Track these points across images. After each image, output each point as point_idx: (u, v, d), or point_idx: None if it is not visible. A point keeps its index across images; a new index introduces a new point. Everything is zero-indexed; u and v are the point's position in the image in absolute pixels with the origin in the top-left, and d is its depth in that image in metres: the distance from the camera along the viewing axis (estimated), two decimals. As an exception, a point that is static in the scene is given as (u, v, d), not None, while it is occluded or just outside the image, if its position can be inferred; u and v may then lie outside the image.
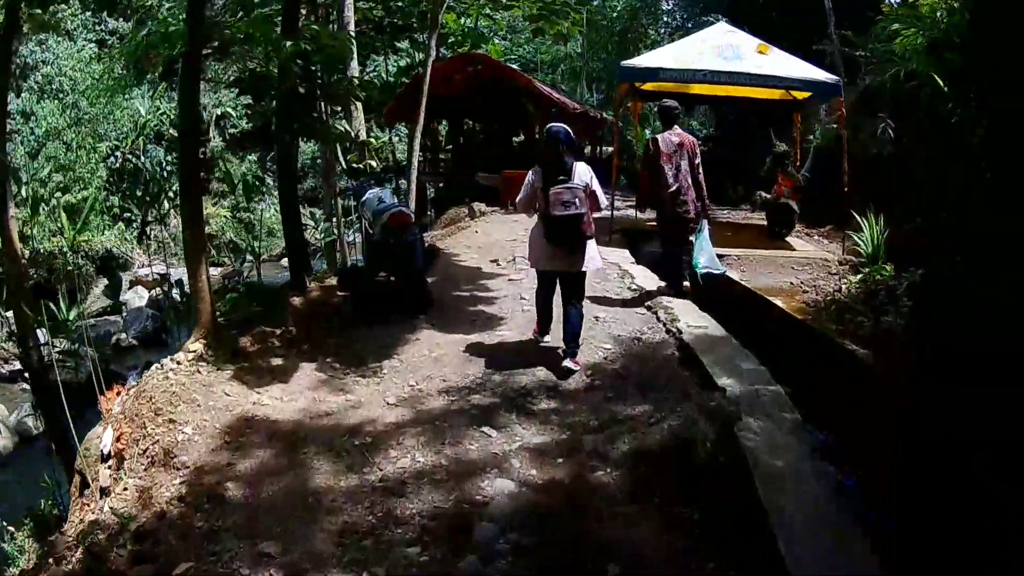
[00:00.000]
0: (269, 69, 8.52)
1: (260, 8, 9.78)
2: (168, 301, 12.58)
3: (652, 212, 8.77)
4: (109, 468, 4.94)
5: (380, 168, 9.83)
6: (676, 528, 3.67)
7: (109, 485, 4.74)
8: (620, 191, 12.15)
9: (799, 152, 13.28)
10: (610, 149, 22.72)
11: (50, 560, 4.46)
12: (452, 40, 20.52)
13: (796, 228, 11.60)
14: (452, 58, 18.11)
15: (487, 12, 18.61)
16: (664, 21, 29.59)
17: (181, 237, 11.26)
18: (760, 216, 13.17)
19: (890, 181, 10.45)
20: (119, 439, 5.09)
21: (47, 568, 4.42)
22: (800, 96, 11.93)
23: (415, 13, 16.39)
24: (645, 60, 11.31)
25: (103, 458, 5.05)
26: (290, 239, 8.94)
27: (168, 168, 18.00)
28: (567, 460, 4.36)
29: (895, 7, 11.79)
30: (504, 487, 4.12)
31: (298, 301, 7.49)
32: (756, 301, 7.96)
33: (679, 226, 7.45)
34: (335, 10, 13.16)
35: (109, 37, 24.22)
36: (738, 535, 3.54)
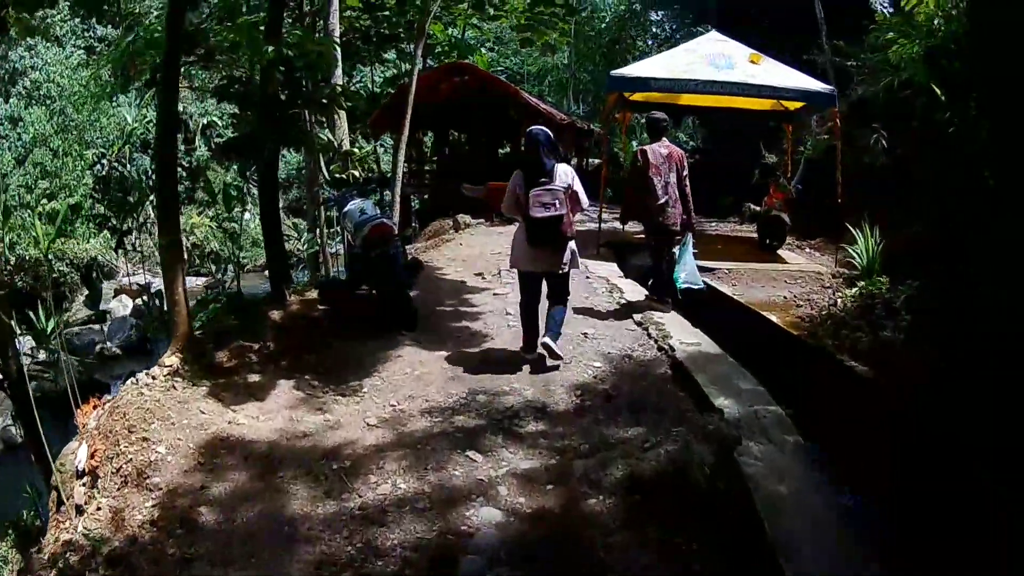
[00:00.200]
0: (253, 77, 8.34)
1: (247, 16, 9.63)
2: (148, 312, 12.32)
3: (638, 225, 8.65)
4: (84, 485, 4.82)
5: (363, 179, 9.61)
6: (674, 559, 3.48)
7: (84, 502, 4.63)
8: (607, 204, 11.96)
9: (790, 163, 13.17)
10: (596, 161, 22.70)
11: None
12: (439, 51, 20.35)
13: (787, 240, 11.47)
14: (438, 67, 17.97)
15: (474, 23, 18.53)
16: (652, 32, 29.55)
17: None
18: (749, 228, 13.06)
19: (884, 192, 10.33)
20: (93, 456, 4.94)
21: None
22: (792, 106, 11.82)
23: (402, 23, 16.30)
24: (635, 69, 11.16)
25: (78, 474, 4.93)
26: (271, 250, 8.68)
27: (153, 176, 17.78)
28: (557, 487, 4.14)
29: (888, 16, 11.69)
30: (491, 517, 3.88)
31: (277, 315, 7.25)
32: (750, 316, 7.81)
33: (664, 237, 7.42)
34: (321, 19, 13.04)
35: (98, 44, 24.18)
36: (740, 566, 3.41)
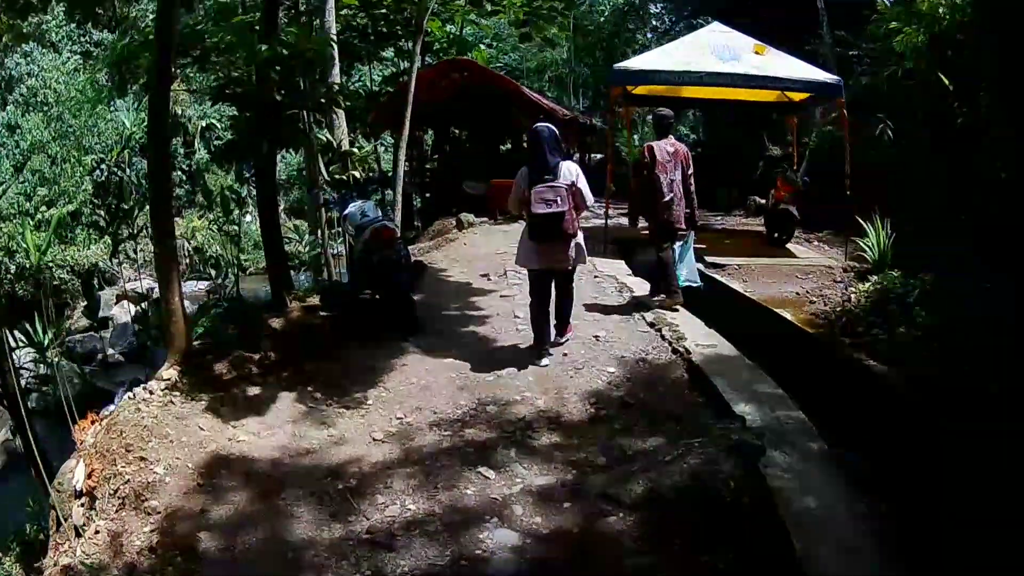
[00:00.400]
0: (249, 78, 8.15)
1: (242, 16, 9.49)
2: (146, 322, 12.12)
3: (645, 222, 8.50)
4: (82, 506, 4.67)
5: (364, 179, 9.39)
6: (700, 580, 3.31)
7: (82, 524, 4.48)
8: (612, 200, 11.77)
9: (796, 155, 12.95)
10: (599, 156, 22.47)
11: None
12: (437, 47, 20.10)
13: (795, 234, 11.25)
14: (438, 64, 17.65)
15: (472, 18, 18.29)
16: (652, 25, 29.25)
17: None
18: (755, 222, 12.85)
19: (891, 183, 10.11)
20: (91, 476, 4.78)
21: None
22: (797, 97, 11.59)
23: (400, 20, 16.06)
24: (639, 62, 10.94)
25: (76, 494, 4.77)
26: (270, 256, 8.49)
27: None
28: (574, 504, 3.94)
29: (891, 5, 11.48)
30: (506, 539, 3.70)
31: (278, 323, 7.05)
32: (763, 314, 7.61)
33: (669, 235, 7.31)
34: (318, 18, 12.82)
35: (94, 49, 23.94)
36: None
